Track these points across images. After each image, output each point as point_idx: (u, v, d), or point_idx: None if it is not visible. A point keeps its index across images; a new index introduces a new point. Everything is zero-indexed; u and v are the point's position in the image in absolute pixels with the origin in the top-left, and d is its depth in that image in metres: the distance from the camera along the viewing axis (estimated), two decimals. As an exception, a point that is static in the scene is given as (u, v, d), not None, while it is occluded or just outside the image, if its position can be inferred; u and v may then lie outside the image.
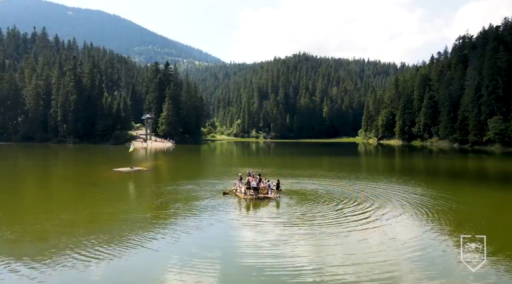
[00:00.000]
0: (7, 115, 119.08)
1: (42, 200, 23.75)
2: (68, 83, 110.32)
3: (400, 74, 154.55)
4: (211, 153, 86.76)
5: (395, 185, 29.08)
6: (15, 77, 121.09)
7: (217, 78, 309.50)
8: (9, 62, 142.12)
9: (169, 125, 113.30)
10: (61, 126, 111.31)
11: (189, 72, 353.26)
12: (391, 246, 13.53)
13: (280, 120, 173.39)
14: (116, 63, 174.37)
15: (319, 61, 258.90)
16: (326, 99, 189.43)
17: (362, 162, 60.57)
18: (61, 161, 58.61)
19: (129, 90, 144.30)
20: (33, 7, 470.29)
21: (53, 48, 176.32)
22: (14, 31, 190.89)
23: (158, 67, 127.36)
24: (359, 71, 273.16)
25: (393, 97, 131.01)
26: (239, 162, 58.26)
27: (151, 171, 39.56)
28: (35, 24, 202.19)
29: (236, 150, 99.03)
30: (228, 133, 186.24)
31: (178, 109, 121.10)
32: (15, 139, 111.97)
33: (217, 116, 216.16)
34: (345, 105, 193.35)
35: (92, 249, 12.84)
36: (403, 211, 19.38)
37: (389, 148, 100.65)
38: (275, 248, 13.52)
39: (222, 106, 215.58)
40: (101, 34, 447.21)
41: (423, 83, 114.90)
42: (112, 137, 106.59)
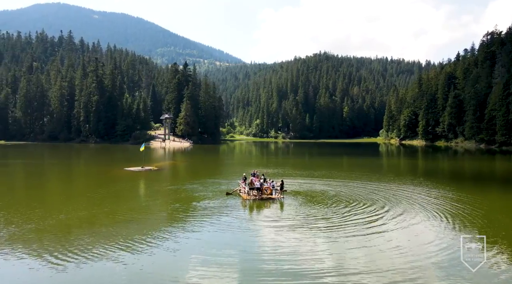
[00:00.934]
0: (34, 115, 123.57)
1: (41, 199, 23.97)
2: (90, 84, 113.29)
3: (425, 72, 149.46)
4: (229, 153, 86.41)
5: (414, 187, 27.66)
6: (42, 79, 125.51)
7: (237, 78, 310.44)
8: (36, 64, 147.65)
9: (187, 125, 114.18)
10: (83, 126, 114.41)
11: (210, 72, 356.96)
12: (391, 247, 13.37)
13: (299, 120, 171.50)
14: (137, 65, 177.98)
15: (340, 60, 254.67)
16: (347, 99, 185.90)
17: (383, 163, 58.40)
18: (78, 160, 60.01)
19: (150, 90, 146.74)
20: (62, 12, 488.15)
21: (78, 51, 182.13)
22: (42, 35, 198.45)
23: (177, 67, 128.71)
24: (382, 70, 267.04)
25: (416, 96, 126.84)
26: (256, 162, 57.51)
27: (162, 170, 39.61)
28: (64, 28, 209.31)
29: (255, 150, 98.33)
30: (247, 133, 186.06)
31: (197, 109, 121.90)
32: (41, 139, 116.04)
33: (237, 116, 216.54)
34: (367, 104, 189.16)
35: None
36: (414, 214, 18.25)
37: (412, 149, 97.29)
38: (270, 253, 12.89)
39: (242, 106, 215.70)
40: (125, 37, 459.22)
41: (448, 82, 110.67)
42: (132, 137, 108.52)
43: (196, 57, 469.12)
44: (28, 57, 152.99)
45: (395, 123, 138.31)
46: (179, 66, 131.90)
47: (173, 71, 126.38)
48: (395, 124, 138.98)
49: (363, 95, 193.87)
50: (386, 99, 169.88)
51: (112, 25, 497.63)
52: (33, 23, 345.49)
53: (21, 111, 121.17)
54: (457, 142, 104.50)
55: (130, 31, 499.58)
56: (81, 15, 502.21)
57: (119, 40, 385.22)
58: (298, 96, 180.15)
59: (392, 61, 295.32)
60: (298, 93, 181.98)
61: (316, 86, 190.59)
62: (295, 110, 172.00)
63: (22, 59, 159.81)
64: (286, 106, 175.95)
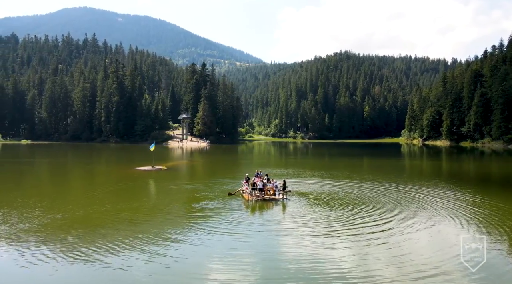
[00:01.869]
0: (58, 116, 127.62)
1: (40, 196, 24.11)
2: (111, 85, 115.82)
3: (450, 70, 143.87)
4: (246, 153, 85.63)
5: (431, 189, 26.04)
6: (65, 81, 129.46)
7: (257, 78, 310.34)
8: (61, 66, 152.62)
9: (204, 125, 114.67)
10: (104, 126, 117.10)
11: (230, 73, 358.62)
12: (391, 247, 13.28)
13: (318, 120, 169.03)
14: (158, 66, 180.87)
15: (361, 59, 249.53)
16: (368, 98, 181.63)
17: (404, 164, 55.98)
18: (94, 159, 61.08)
19: (169, 91, 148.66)
20: (88, 16, 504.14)
21: (101, 53, 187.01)
22: (68, 38, 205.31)
23: (195, 68, 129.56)
24: (405, 69, 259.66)
25: (440, 95, 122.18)
26: (275, 162, 56.52)
27: (171, 170, 39.50)
28: (90, 31, 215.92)
29: (273, 151, 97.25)
30: (266, 133, 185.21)
31: (214, 109, 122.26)
32: (64, 139, 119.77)
33: (256, 116, 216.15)
34: (388, 104, 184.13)
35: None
36: (423, 218, 17.02)
37: (435, 149, 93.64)
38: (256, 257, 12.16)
39: (261, 106, 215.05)
40: (148, 38, 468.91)
41: (474, 79, 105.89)
42: (150, 136, 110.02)
43: (216, 58, 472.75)
44: (54, 59, 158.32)
45: (418, 123, 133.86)
46: (197, 66, 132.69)
47: (191, 71, 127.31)
48: (417, 124, 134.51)
49: (384, 94, 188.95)
50: (409, 98, 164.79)
51: (136, 27, 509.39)
52: (61, 27, 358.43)
53: (46, 112, 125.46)
54: (483, 142, 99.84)
55: (152, 33, 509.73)
56: (106, 19, 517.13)
57: (142, 42, 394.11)
58: (317, 96, 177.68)
59: (416, 59, 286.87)
60: (318, 92, 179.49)
61: (336, 86, 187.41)
62: (314, 110, 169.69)
63: (48, 61, 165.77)
64: (305, 106, 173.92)
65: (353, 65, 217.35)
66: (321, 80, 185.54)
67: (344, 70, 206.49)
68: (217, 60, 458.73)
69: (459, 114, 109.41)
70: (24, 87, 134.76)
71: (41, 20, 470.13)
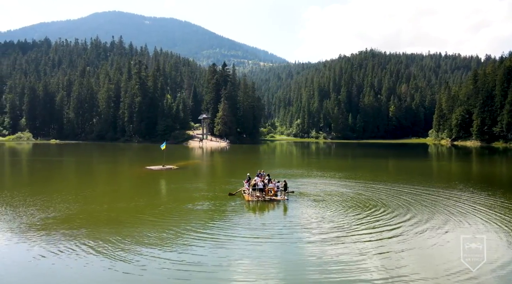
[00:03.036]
0: (84, 116, 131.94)
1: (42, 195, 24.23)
2: (134, 86, 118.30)
3: (481, 67, 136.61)
4: (265, 153, 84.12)
5: (452, 192, 24.19)
6: (92, 82, 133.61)
7: (280, 78, 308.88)
8: (88, 68, 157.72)
9: (224, 125, 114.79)
10: (127, 126, 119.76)
11: (254, 73, 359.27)
12: (392, 248, 12.99)
13: (341, 120, 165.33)
14: (181, 66, 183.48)
15: (387, 57, 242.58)
16: (393, 97, 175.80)
17: (433, 165, 52.94)
18: (112, 159, 62.16)
19: (191, 91, 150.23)
20: (117, 19, 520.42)
21: (127, 55, 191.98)
22: (96, 41, 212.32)
23: (215, 68, 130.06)
24: (435, 67, 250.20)
25: (471, 93, 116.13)
26: (297, 163, 55.31)
27: (181, 169, 39.26)
28: (119, 34, 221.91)
29: (294, 151, 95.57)
30: (288, 133, 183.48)
31: (235, 109, 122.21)
32: (90, 138, 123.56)
33: (278, 116, 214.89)
34: (415, 103, 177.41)
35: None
36: (434, 223, 15.57)
37: (464, 150, 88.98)
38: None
39: (283, 106, 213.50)
40: (173, 40, 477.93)
41: (508, 77, 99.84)
42: (171, 136, 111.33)
43: (240, 58, 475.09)
44: (82, 61, 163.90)
45: (446, 122, 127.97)
46: (217, 66, 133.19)
47: (212, 71, 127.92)
48: (446, 123, 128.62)
49: (411, 93, 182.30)
50: (437, 97, 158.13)
51: (162, 29, 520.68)
52: (92, 31, 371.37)
53: (73, 112, 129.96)
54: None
55: (178, 34, 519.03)
56: (133, 22, 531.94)
57: (167, 44, 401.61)
58: (340, 95, 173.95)
59: (446, 57, 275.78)
60: (341, 92, 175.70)
61: (360, 85, 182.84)
62: (337, 109, 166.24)
63: (77, 64, 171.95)
64: (327, 106, 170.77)
65: (378, 64, 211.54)
66: (345, 79, 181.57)
67: (369, 69, 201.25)
68: (241, 60, 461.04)
69: (491, 113, 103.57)
70: (54, 88, 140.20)
71: (73, 24, 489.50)
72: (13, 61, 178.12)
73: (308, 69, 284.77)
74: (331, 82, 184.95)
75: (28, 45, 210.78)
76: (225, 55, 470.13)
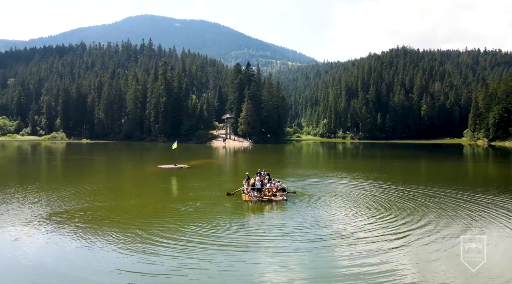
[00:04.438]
0: (114, 117, 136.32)
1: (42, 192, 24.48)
2: (160, 87, 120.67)
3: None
4: (289, 153, 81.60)
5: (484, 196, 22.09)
6: (120, 83, 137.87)
7: (308, 77, 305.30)
8: (118, 70, 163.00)
9: (247, 124, 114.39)
10: (153, 126, 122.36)
11: (281, 72, 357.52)
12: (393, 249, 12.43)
13: (369, 120, 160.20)
14: (208, 67, 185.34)
15: (420, 54, 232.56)
16: (426, 96, 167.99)
17: (467, 167, 49.12)
18: (131, 157, 63.25)
19: (216, 91, 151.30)
20: (149, 23, 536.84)
21: (156, 57, 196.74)
22: (127, 43, 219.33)
23: (239, 68, 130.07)
24: (472, 63, 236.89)
25: (510, 90, 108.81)
26: (324, 164, 53.42)
27: (192, 168, 38.94)
28: (150, 37, 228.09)
29: (320, 151, 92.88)
30: (314, 133, 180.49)
31: (259, 109, 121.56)
32: (118, 138, 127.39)
33: (305, 116, 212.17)
34: (450, 102, 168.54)
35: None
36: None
37: (503, 151, 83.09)
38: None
39: (310, 106, 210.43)
40: (202, 41, 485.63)
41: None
42: (195, 136, 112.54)
43: (268, 58, 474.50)
44: (112, 64, 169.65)
45: (483, 122, 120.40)
46: (241, 66, 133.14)
47: (236, 71, 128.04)
48: (482, 123, 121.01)
49: (445, 91, 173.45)
50: (473, 95, 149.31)
51: (191, 31, 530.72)
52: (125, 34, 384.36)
53: (103, 113, 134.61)
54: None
55: (207, 36, 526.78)
56: (165, 24, 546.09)
57: (197, 45, 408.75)
58: (369, 94, 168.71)
59: (486, 53, 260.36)
60: (369, 91, 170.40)
61: (390, 83, 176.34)
62: (365, 108, 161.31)
63: (108, 66, 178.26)
64: (355, 105, 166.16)
65: (410, 61, 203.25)
66: (374, 77, 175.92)
67: (400, 67, 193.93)
68: (269, 60, 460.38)
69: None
70: (86, 90, 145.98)
71: (108, 28, 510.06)
72: (51, 64, 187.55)
73: (336, 68, 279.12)
74: (359, 81, 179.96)
75: (65, 49, 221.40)
76: (253, 55, 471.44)
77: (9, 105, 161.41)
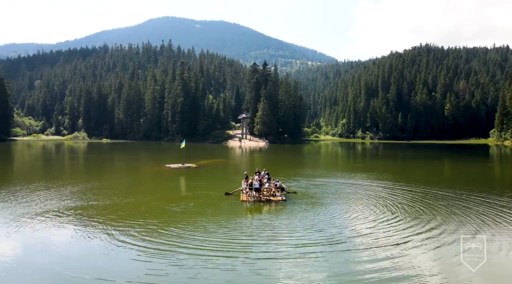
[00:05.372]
0: (133, 117, 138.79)
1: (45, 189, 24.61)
2: (177, 87, 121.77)
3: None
4: (304, 153, 79.60)
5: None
6: (139, 84, 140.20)
7: (327, 77, 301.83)
8: (138, 71, 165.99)
9: (263, 124, 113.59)
10: (170, 126, 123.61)
11: (301, 72, 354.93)
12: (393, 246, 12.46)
13: (390, 119, 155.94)
14: (226, 67, 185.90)
15: (445, 52, 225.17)
16: (450, 95, 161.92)
17: (493, 169, 46.34)
18: (144, 156, 63.81)
19: (234, 91, 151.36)
20: (170, 24, 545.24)
21: (175, 57, 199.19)
22: (147, 45, 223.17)
23: (256, 67, 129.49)
24: (501, 61, 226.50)
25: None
26: (342, 165, 51.93)
27: (200, 168, 38.63)
28: (171, 38, 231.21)
29: (338, 151, 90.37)
30: (333, 133, 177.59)
31: (275, 108, 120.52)
32: (137, 138, 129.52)
33: (323, 116, 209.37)
34: (476, 101, 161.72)
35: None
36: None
37: (532, 152, 78.81)
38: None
39: (329, 106, 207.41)
40: (222, 42, 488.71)
41: None
42: (211, 136, 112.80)
43: (288, 58, 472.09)
44: (132, 65, 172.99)
45: (511, 121, 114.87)
46: (258, 66, 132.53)
47: (252, 71, 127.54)
48: (510, 122, 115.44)
49: (471, 90, 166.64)
50: (500, 94, 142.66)
51: (211, 32, 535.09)
52: (146, 36, 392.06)
53: (123, 113, 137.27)
54: None
55: (226, 36, 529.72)
56: (185, 26, 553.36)
57: (216, 46, 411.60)
58: (389, 94, 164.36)
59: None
60: (390, 90, 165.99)
61: (412, 82, 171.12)
62: (385, 108, 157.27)
63: (129, 67, 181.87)
64: (375, 105, 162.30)
65: (434, 59, 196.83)
66: (394, 76, 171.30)
67: (422, 65, 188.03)
68: (288, 60, 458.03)
69: None
70: (106, 91, 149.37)
71: (131, 31, 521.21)
72: (74, 66, 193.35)
73: (356, 67, 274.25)
74: (380, 80, 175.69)
75: (88, 51, 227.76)
76: (272, 55, 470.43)
77: (35, 106, 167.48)
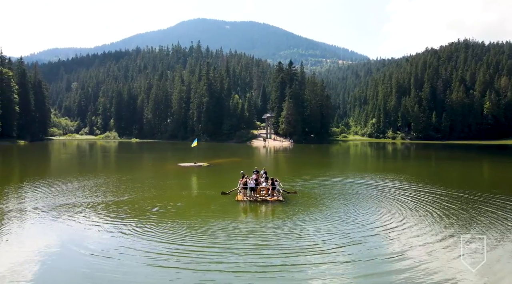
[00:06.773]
0: (161, 117, 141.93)
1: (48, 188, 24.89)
2: (202, 87, 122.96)
3: None
4: (330, 154, 75.54)
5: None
6: (167, 84, 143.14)
7: (358, 76, 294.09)
8: (166, 72, 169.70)
9: (288, 124, 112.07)
10: (196, 126, 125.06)
11: (331, 71, 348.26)
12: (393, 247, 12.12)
13: (423, 119, 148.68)
14: (253, 67, 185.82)
15: (485, 48, 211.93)
16: (490, 92, 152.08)
17: None
18: (165, 155, 64.48)
19: (260, 91, 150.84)
20: (201, 26, 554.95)
21: (204, 58, 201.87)
22: (177, 46, 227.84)
23: (281, 66, 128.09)
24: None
25: None
26: (373, 166, 49.71)
27: (211, 167, 38.10)
28: (202, 40, 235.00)
29: (367, 151, 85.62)
30: (362, 133, 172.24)
31: (301, 108, 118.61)
32: (164, 137, 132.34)
33: (353, 116, 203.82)
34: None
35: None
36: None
37: None
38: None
39: (358, 105, 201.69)
40: (252, 42, 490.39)
41: None
42: (236, 135, 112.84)
43: (318, 57, 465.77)
44: (161, 66, 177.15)
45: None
46: (283, 65, 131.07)
47: (277, 70, 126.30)
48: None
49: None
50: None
51: (241, 32, 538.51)
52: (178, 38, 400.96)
53: (151, 113, 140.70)
54: None
55: (256, 37, 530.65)
56: (216, 27, 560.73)
57: (246, 46, 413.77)
58: (422, 92, 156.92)
59: None
60: (423, 88, 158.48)
61: (448, 80, 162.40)
62: (418, 107, 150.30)
63: (158, 69, 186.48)
64: (406, 103, 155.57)
65: (472, 55, 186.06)
66: (428, 73, 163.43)
67: (460, 62, 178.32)
68: (318, 59, 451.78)
69: None
70: (136, 92, 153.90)
71: (163, 33, 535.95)
72: (108, 68, 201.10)
73: (389, 65, 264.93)
74: (412, 78, 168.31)
75: (121, 54, 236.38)
76: (302, 54, 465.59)
77: (71, 107, 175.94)
